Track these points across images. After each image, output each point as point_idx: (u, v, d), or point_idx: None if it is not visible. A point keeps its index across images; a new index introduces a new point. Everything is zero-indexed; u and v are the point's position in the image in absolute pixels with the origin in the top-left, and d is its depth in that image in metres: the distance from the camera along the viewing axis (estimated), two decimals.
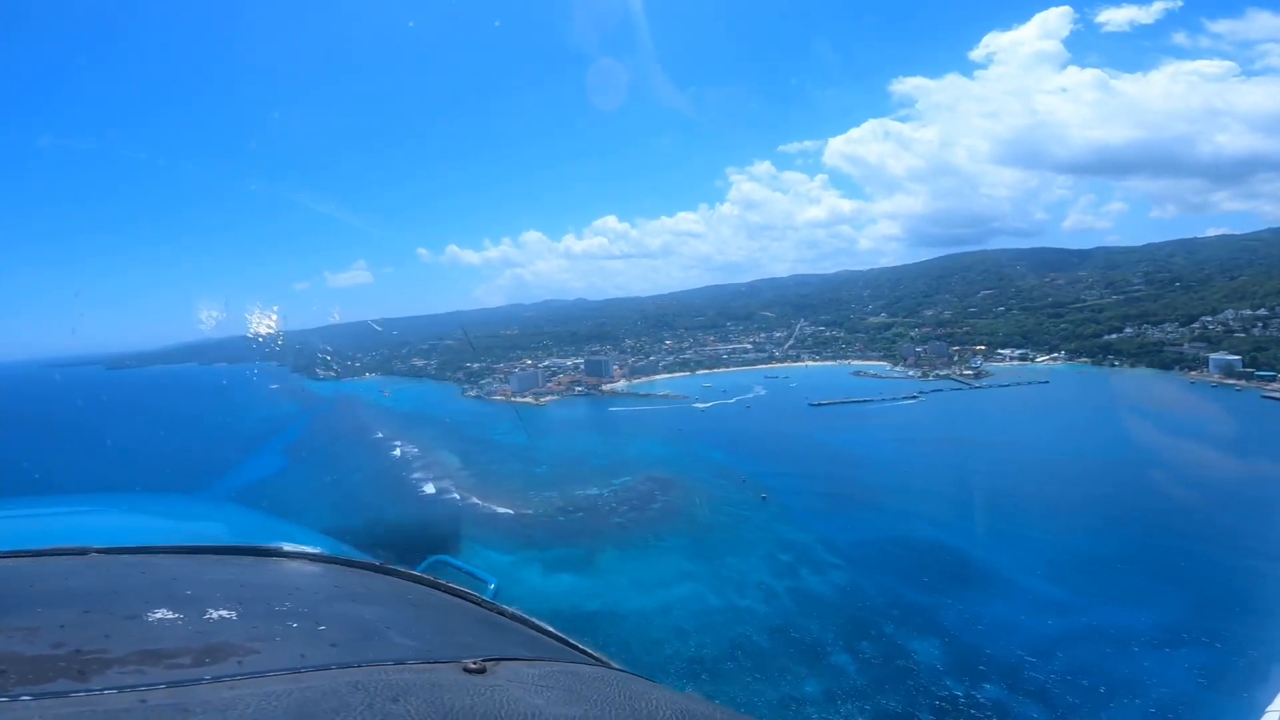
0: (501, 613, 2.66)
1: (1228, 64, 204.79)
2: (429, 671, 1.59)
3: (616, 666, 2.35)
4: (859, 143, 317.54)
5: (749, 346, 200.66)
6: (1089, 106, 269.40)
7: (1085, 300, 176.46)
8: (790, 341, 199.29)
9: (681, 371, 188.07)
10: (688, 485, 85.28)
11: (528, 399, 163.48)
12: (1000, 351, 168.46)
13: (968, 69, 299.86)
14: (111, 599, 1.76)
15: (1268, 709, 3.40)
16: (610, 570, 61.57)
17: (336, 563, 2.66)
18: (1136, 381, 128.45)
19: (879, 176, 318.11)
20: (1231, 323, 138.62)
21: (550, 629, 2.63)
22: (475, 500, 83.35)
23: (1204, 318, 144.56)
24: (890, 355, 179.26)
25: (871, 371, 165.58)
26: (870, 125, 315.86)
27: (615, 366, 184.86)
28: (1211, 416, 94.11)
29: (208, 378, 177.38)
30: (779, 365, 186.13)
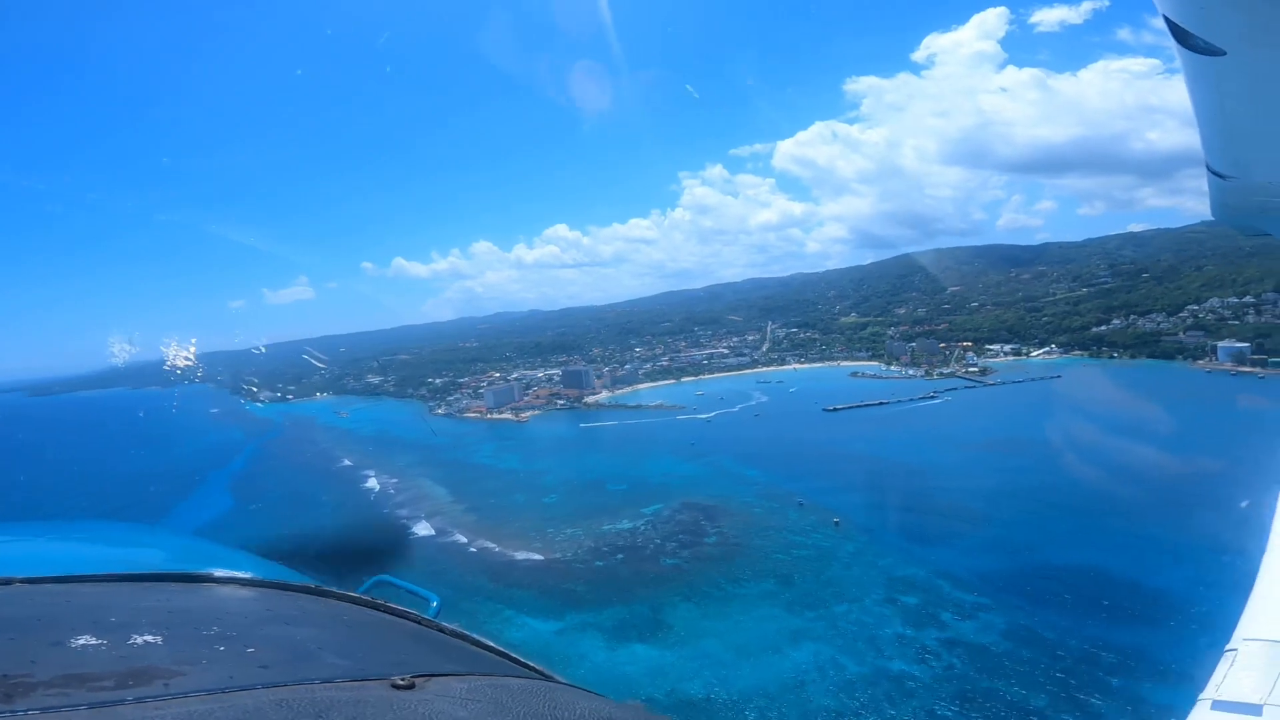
0: (441, 630, 2.61)
1: (1154, 61, 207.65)
2: (356, 689, 1.59)
3: (560, 680, 2.37)
4: (807, 145, 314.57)
5: (726, 351, 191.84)
6: (1029, 105, 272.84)
7: (1055, 294, 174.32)
8: (766, 344, 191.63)
9: (665, 379, 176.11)
10: (735, 511, 71.75)
11: (506, 415, 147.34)
12: (989, 347, 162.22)
13: (911, 70, 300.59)
14: (36, 627, 1.74)
15: (1199, 697, 3.21)
16: (694, 634, 47.32)
17: (271, 586, 2.56)
18: (1150, 373, 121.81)
19: (827, 179, 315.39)
20: (1221, 311, 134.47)
21: (491, 644, 2.60)
22: (487, 543, 67.49)
23: (1190, 306, 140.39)
24: (878, 354, 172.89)
25: (869, 372, 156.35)
26: (818, 128, 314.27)
27: (596, 377, 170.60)
28: (1269, 407, 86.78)
29: (138, 403, 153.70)
30: (765, 369, 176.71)
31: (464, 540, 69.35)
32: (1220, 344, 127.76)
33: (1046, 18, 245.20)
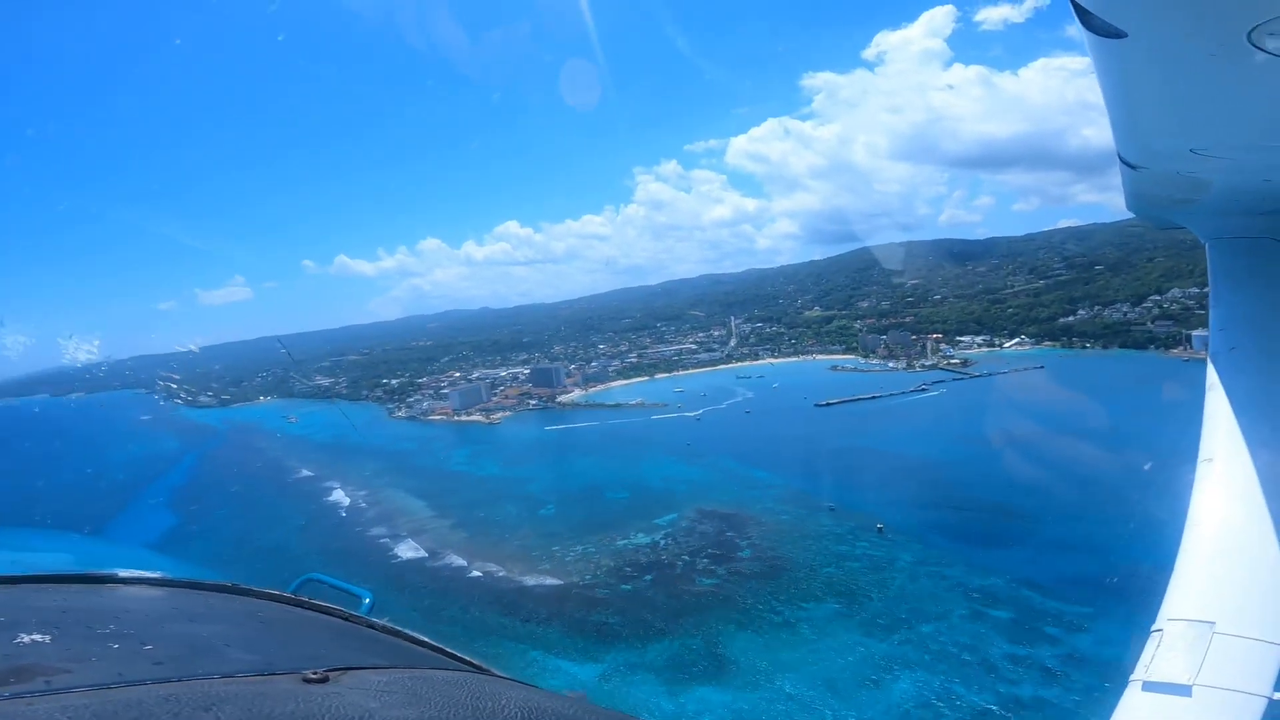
0: (371, 625, 2.51)
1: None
2: (260, 683, 1.51)
3: (496, 673, 2.29)
4: (760, 141, 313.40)
5: (694, 346, 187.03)
6: (974, 102, 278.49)
7: (1014, 286, 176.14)
8: (733, 340, 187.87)
9: (637, 376, 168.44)
10: (760, 519, 64.58)
11: (475, 416, 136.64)
12: (960, 339, 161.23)
13: (862, 67, 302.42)
14: None
15: (1130, 679, 3.29)
16: (765, 669, 39.72)
17: (180, 585, 2.45)
18: (1128, 363, 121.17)
19: (780, 175, 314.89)
20: (1184, 300, 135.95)
21: (424, 639, 2.51)
22: (489, 567, 58.11)
23: (1153, 297, 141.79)
24: (852, 348, 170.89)
25: (848, 366, 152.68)
26: (770, 124, 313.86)
27: (566, 375, 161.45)
28: None
29: (61, 410, 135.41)
30: (739, 364, 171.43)
31: (460, 563, 59.79)
32: (1194, 333, 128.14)
33: (991, 16, 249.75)
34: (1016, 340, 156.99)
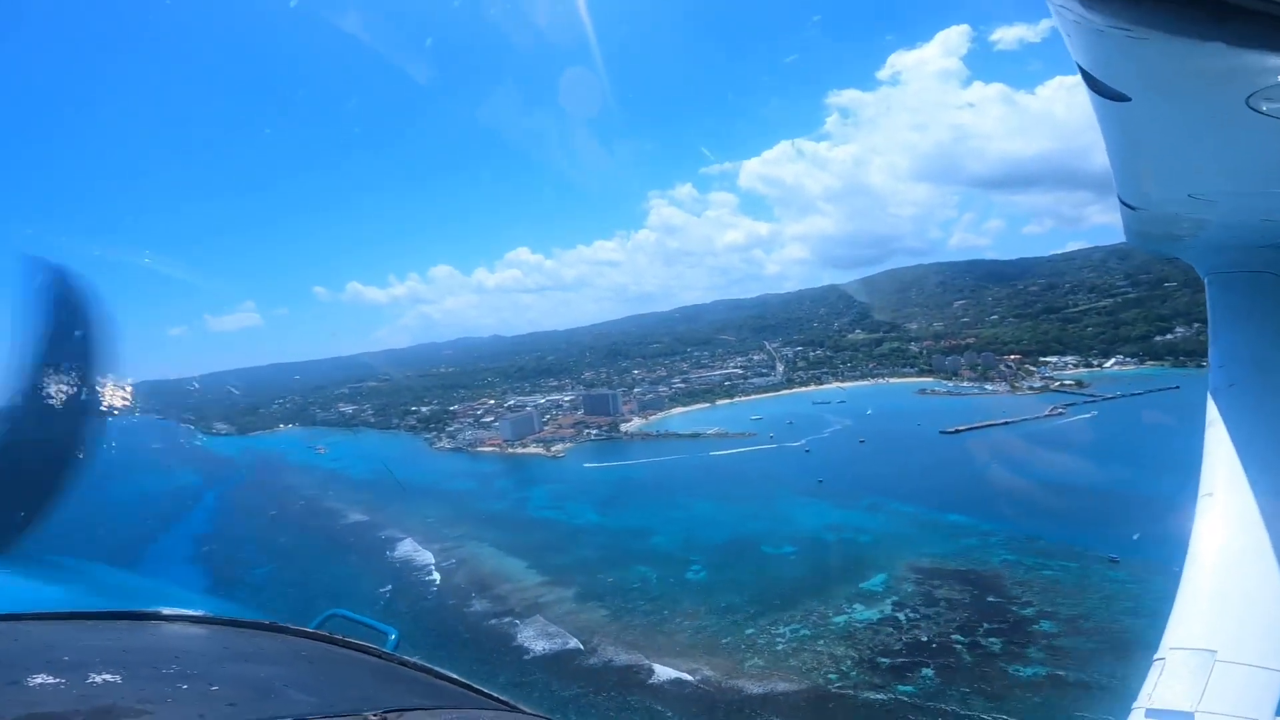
0: (404, 663, 2.52)
1: None
2: None
3: (526, 710, 2.34)
4: (773, 164, 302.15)
5: (740, 371, 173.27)
6: (991, 121, 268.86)
7: (1077, 304, 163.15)
8: (781, 365, 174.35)
9: (695, 403, 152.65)
10: (1016, 576, 48.63)
11: (532, 449, 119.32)
12: (1044, 359, 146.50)
13: (876, 88, 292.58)
14: None
15: (1134, 705, 3.31)
16: None
17: (222, 623, 2.42)
18: None
19: (792, 198, 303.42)
20: None
21: (455, 676, 2.51)
22: (676, 665, 40.54)
23: None
24: (925, 370, 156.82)
25: (939, 389, 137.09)
26: (783, 146, 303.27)
27: (624, 402, 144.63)
28: None
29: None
30: (804, 389, 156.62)
31: (627, 659, 42.35)
32: None
33: (1006, 35, 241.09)
34: (1114, 360, 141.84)
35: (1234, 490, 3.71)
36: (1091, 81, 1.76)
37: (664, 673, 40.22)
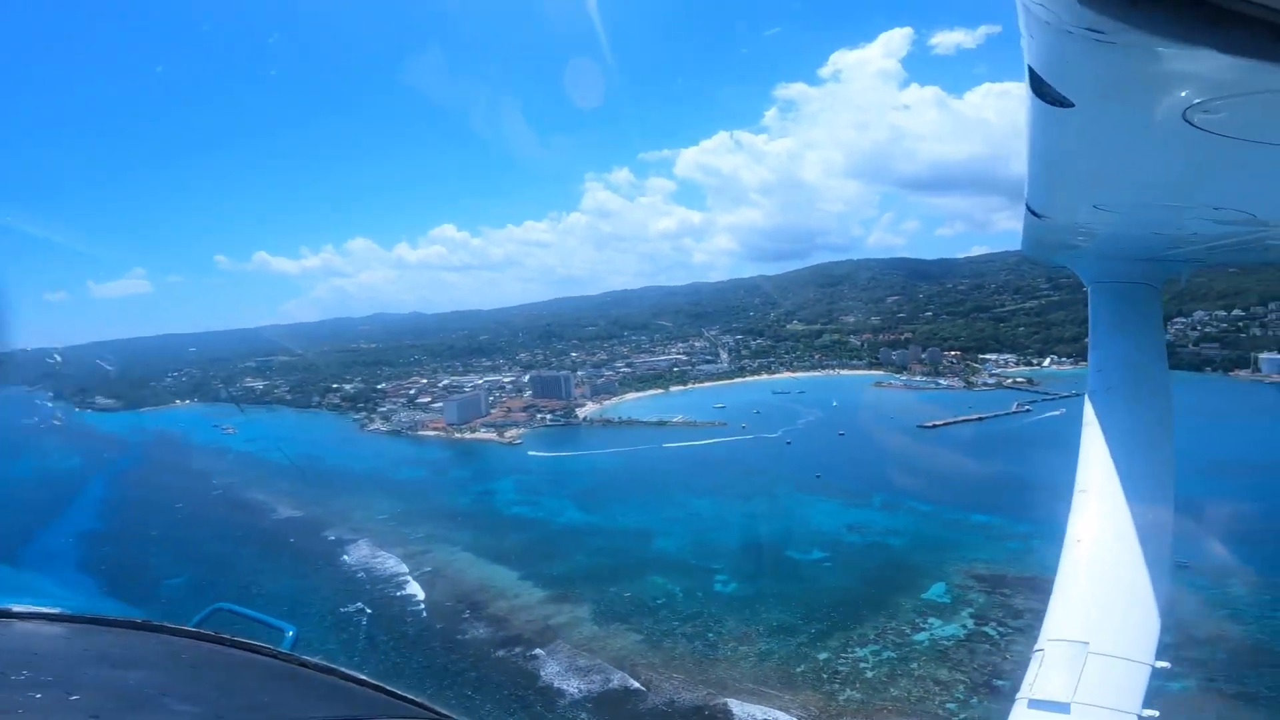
0: (304, 664, 2.19)
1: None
2: None
3: (446, 715, 2.13)
4: (711, 153, 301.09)
5: (684, 357, 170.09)
6: (928, 124, 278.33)
7: (1004, 304, 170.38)
8: (725, 353, 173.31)
9: (649, 389, 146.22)
10: None
11: (483, 434, 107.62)
12: (984, 356, 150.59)
13: (818, 84, 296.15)
14: None
15: (1017, 696, 3.40)
16: None
17: (84, 621, 2.10)
18: (1205, 386, 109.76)
19: (727, 188, 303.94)
20: (1214, 323, 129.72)
21: (365, 679, 2.19)
22: (781, 712, 32.74)
23: (1176, 319, 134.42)
24: (874, 363, 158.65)
25: (896, 383, 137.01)
26: (721, 136, 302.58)
27: (575, 385, 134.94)
28: None
29: None
30: (756, 378, 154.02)
31: (687, 697, 34.06)
32: (1264, 355, 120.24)
33: (945, 40, 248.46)
34: (1050, 359, 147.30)
35: (1107, 488, 3.83)
36: (1038, 85, 1.75)
37: (747, 713, 32.34)
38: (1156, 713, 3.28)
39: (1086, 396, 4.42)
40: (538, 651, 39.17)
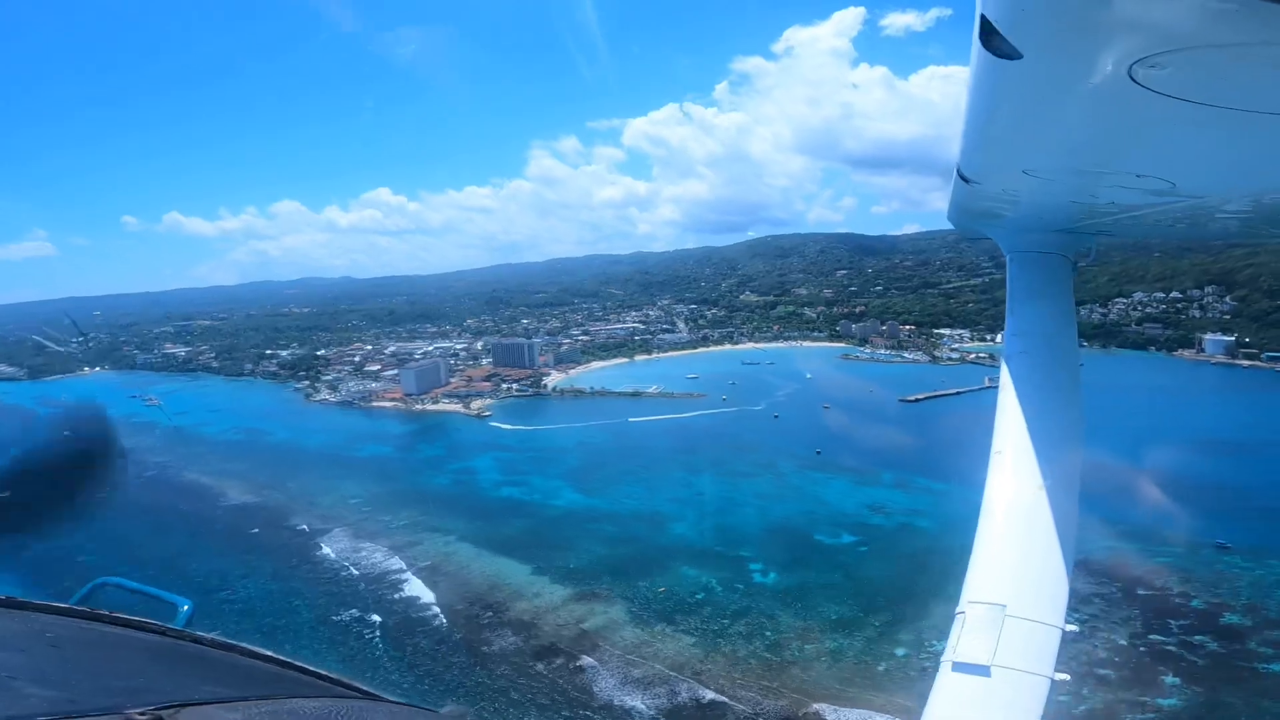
0: (198, 641, 1.99)
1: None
2: None
3: (362, 689, 1.91)
4: (661, 124, 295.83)
5: (640, 325, 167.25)
6: (876, 103, 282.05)
7: (949, 281, 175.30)
8: (682, 322, 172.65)
9: (613, 358, 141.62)
10: (1148, 566, 42.03)
11: (446, 404, 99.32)
12: (937, 331, 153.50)
13: (772, 59, 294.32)
14: None
15: (942, 659, 3.38)
16: None
17: None
18: (1152, 365, 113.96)
19: (673, 160, 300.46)
20: (1154, 304, 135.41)
21: (269, 654, 2.00)
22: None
23: (1117, 300, 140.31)
24: (835, 335, 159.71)
25: (861, 355, 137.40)
26: (670, 108, 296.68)
27: (540, 354, 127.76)
28: None
29: None
30: (722, 348, 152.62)
31: (772, 707, 29.89)
32: (1207, 336, 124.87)
33: (896, 21, 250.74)
34: (1001, 336, 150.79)
35: (1021, 449, 3.88)
36: (988, 35, 1.69)
37: None
38: (1068, 676, 3.25)
39: (1003, 359, 4.44)
40: (583, 662, 33.99)
